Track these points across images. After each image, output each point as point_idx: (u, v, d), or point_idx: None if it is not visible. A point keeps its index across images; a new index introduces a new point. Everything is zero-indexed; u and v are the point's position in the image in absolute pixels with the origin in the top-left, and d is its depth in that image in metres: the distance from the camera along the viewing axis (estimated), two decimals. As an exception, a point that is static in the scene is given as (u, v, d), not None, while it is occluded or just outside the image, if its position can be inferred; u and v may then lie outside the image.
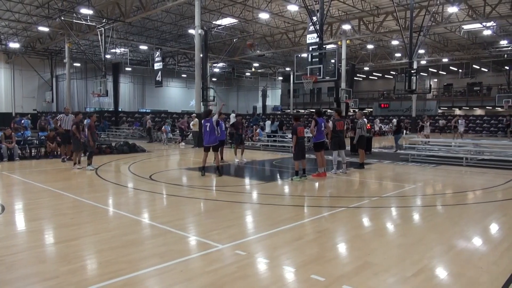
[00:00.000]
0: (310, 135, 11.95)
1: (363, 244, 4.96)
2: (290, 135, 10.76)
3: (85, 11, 22.86)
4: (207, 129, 10.43)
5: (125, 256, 4.42)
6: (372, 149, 17.15)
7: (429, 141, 15.54)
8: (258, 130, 22.59)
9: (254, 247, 4.86)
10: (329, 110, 49.70)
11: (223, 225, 5.77)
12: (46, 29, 28.77)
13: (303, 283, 3.79)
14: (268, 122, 22.24)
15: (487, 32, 28.52)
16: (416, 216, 6.62)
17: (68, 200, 7.61)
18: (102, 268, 4.09)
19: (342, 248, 4.96)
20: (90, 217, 6.29)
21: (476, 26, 26.60)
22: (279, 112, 50.26)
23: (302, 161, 9.91)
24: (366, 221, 6.25)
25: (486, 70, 42.47)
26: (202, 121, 10.75)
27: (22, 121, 23.99)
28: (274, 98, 56.74)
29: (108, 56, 31.06)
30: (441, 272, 4.14)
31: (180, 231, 5.45)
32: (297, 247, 4.82)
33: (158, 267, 4.10)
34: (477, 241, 5.23)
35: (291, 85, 46.79)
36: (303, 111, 52.27)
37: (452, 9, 22.44)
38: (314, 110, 49.54)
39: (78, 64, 41.04)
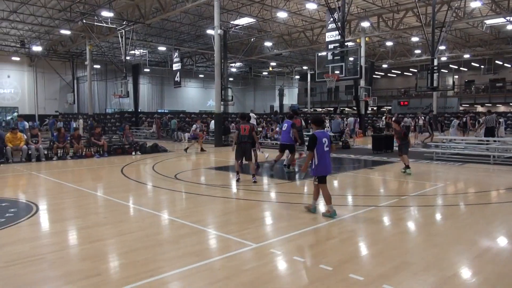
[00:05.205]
0: None
1: (398, 243, 4.91)
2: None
3: (106, 13, 23.24)
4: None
5: (162, 255, 4.48)
6: (393, 147, 16.91)
7: (454, 139, 15.22)
8: (278, 128, 22.55)
9: (288, 246, 4.85)
10: (346, 109, 49.40)
11: (255, 224, 5.80)
12: (68, 32, 29.36)
13: (342, 282, 3.77)
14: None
15: (511, 27, 27.80)
16: (449, 215, 6.50)
17: (99, 199, 7.78)
18: (141, 267, 4.14)
19: (376, 247, 4.90)
20: (122, 216, 6.41)
21: (499, 20, 25.94)
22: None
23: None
24: (397, 220, 6.16)
25: (509, 65, 41.41)
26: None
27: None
28: (291, 97, 56.52)
29: (127, 58, 31.51)
30: (482, 272, 4.05)
31: (212, 230, 5.50)
32: (331, 246, 4.81)
33: (196, 265, 4.14)
34: (515, 241, 5.10)
35: (308, 83, 46.53)
36: (320, 109, 51.98)
37: (475, 4, 21.95)
38: (332, 109, 49.39)
39: (99, 66, 41.69)
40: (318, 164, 6.00)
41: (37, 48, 33.68)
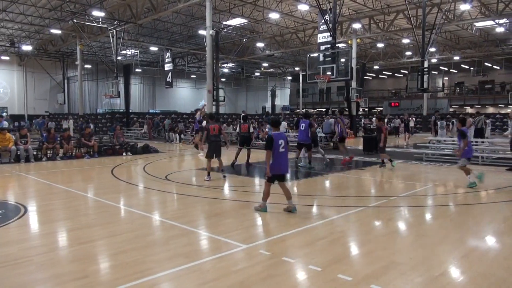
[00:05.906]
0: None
1: (386, 244, 4.96)
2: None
3: (97, 13, 23.05)
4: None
5: (152, 256, 4.47)
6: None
7: (444, 140, 15.40)
8: (267, 129, 22.57)
9: (277, 247, 4.87)
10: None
11: (244, 224, 5.81)
12: (58, 32, 29.06)
13: (330, 282, 3.79)
14: (283, 123, 22.15)
15: (500, 29, 28.16)
16: (437, 215, 6.58)
17: (89, 200, 7.73)
18: (130, 268, 4.13)
19: (365, 247, 4.95)
20: (112, 217, 6.37)
21: (488, 23, 26.27)
22: (288, 112, 50.23)
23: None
24: (387, 221, 6.21)
25: (498, 67, 41.97)
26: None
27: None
28: (283, 98, 56.66)
29: (119, 58, 31.30)
30: (469, 272, 4.11)
31: (202, 231, 5.50)
32: (320, 247, 4.83)
33: (185, 266, 4.15)
34: (501, 240, 5.18)
35: (300, 84, 46.68)
36: (312, 110, 52.15)
37: (465, 7, 22.18)
38: (323, 110, 49.60)
39: (89, 66, 41.36)
40: (271, 163, 6.25)
41: (27, 48, 33.31)
